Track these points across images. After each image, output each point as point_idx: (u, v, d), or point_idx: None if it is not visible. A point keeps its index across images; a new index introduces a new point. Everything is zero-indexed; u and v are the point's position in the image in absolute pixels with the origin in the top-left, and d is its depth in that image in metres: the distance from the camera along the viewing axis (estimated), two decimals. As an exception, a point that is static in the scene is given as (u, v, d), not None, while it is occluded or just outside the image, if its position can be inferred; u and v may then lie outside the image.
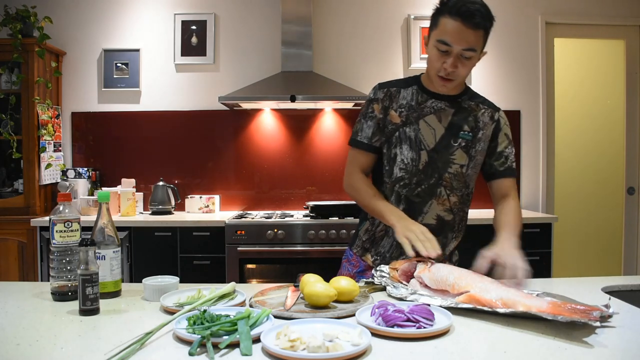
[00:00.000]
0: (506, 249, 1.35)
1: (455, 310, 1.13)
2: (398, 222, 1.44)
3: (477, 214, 3.44)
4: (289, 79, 3.44)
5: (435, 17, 1.45)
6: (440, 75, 1.47)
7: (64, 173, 3.59)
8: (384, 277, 1.39)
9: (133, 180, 3.55)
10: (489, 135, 1.58)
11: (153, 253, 3.17)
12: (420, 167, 1.53)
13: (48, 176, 3.47)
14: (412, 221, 1.45)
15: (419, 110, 1.55)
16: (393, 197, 1.57)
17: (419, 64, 3.72)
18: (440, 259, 1.42)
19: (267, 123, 3.73)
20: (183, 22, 3.72)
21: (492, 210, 1.67)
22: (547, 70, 3.81)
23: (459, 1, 1.39)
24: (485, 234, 3.36)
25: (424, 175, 1.53)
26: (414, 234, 1.38)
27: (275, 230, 3.09)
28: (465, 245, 3.26)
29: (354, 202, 1.66)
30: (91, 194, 3.55)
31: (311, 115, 3.73)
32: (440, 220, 1.56)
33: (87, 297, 1.15)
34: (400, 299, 1.24)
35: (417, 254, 1.37)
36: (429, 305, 1.11)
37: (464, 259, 1.82)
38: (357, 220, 3.09)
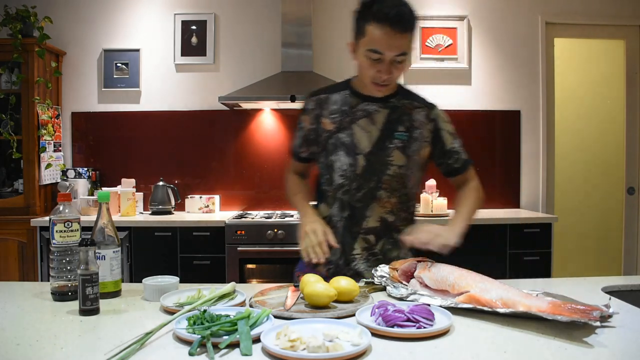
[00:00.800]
0: (447, 229, 1.45)
1: (455, 310, 1.13)
2: (303, 222, 1.50)
3: (477, 214, 3.44)
4: (289, 79, 3.44)
5: (360, 24, 1.42)
6: (376, 83, 1.45)
7: (64, 173, 3.59)
8: (384, 277, 1.39)
9: (133, 180, 3.55)
10: (427, 136, 1.56)
11: (153, 253, 3.17)
12: (359, 172, 1.51)
13: (48, 176, 3.47)
14: (313, 222, 1.48)
15: (352, 115, 1.53)
16: (336, 204, 1.55)
17: (419, 64, 3.72)
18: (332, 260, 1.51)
19: (267, 123, 3.73)
20: (183, 22, 3.72)
21: (492, 211, 1.68)
22: (547, 70, 3.81)
23: (383, 5, 1.36)
24: (486, 234, 3.35)
25: (363, 180, 1.52)
26: (309, 240, 1.42)
27: (275, 230, 3.09)
28: (466, 246, 3.24)
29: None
30: (91, 194, 3.55)
31: (311, 115, 3.72)
32: (383, 222, 1.54)
33: (87, 297, 1.15)
34: (400, 299, 1.24)
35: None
36: (429, 305, 1.11)
37: (464, 259, 1.81)
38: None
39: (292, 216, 3.34)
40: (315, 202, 1.66)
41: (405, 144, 1.52)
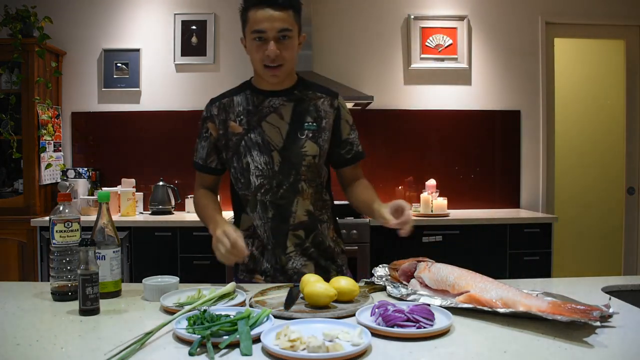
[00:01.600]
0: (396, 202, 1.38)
1: (455, 310, 1.13)
2: (212, 230, 1.40)
3: (478, 214, 3.44)
4: (289, 79, 3.43)
5: (244, 15, 1.46)
6: (267, 65, 1.44)
7: (64, 173, 3.58)
8: (384, 277, 1.39)
9: (133, 180, 3.55)
10: (332, 125, 1.56)
11: (153, 253, 3.17)
12: (276, 169, 1.50)
13: (48, 176, 3.47)
14: (220, 228, 1.36)
15: (259, 113, 1.52)
16: (259, 206, 1.52)
17: (419, 64, 3.72)
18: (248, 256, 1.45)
19: (267, 123, 3.73)
20: (183, 22, 3.72)
21: (492, 211, 1.67)
22: (547, 70, 3.81)
23: None
24: (486, 234, 3.35)
25: (282, 176, 1.50)
26: (222, 246, 1.32)
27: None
28: (466, 246, 3.26)
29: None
30: (91, 194, 3.55)
31: (311, 115, 3.72)
32: (310, 214, 1.53)
33: (87, 297, 1.15)
34: (400, 299, 1.24)
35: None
36: (429, 305, 1.11)
37: (464, 259, 1.81)
38: (358, 220, 3.10)
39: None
40: (233, 216, 1.64)
41: (315, 134, 1.52)
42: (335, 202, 1.68)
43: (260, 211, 1.53)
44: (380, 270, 1.43)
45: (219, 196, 1.72)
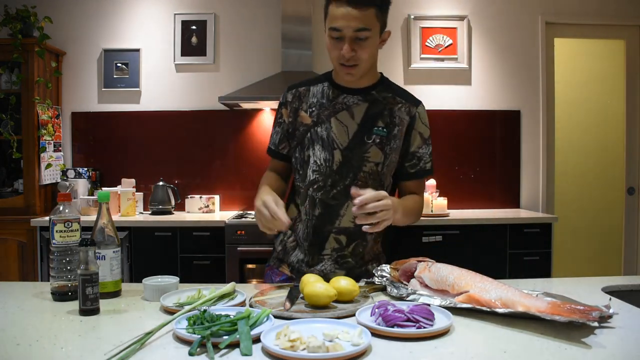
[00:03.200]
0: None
1: (455, 310, 1.13)
2: (256, 201, 1.35)
3: (478, 214, 3.44)
4: (288, 79, 3.44)
5: (326, 9, 1.42)
6: (342, 64, 1.40)
7: (64, 173, 3.59)
8: (384, 277, 1.39)
9: (133, 180, 3.55)
10: (404, 132, 1.50)
11: (153, 253, 3.17)
12: (335, 168, 1.46)
13: (48, 176, 3.47)
14: (264, 197, 1.32)
15: (331, 108, 1.48)
16: (307, 201, 1.49)
17: (419, 64, 3.72)
18: (292, 227, 1.50)
19: (267, 123, 3.73)
20: (183, 22, 3.72)
21: (492, 211, 1.66)
22: (547, 70, 3.81)
23: None
24: (486, 234, 3.35)
25: (338, 176, 1.46)
26: (262, 217, 1.30)
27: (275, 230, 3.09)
28: (466, 246, 3.26)
29: None
30: (91, 194, 3.55)
31: (311, 115, 3.72)
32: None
33: (87, 297, 1.15)
34: (400, 299, 1.24)
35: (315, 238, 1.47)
36: (429, 305, 1.11)
37: (464, 259, 1.81)
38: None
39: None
40: (286, 203, 1.58)
41: (383, 141, 1.46)
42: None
43: (308, 206, 1.50)
44: (380, 270, 1.43)
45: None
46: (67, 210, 1.31)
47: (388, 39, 1.46)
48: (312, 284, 1.18)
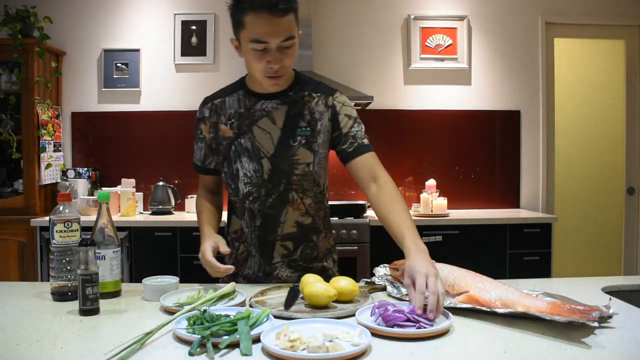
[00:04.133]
0: (421, 263, 1.12)
1: (455, 310, 1.13)
2: (200, 249, 1.43)
3: (478, 214, 3.44)
4: (289, 79, 3.43)
5: (237, 16, 1.32)
6: (269, 76, 1.34)
7: (64, 173, 3.59)
8: (384, 277, 1.39)
9: (133, 180, 3.55)
10: (327, 125, 1.44)
11: (153, 253, 3.17)
12: (266, 177, 1.42)
13: (48, 176, 3.47)
14: (202, 245, 1.43)
15: (250, 117, 1.42)
16: (246, 214, 1.47)
17: (419, 64, 3.72)
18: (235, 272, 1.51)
19: (267, 123, 3.73)
20: (183, 22, 3.72)
21: (492, 211, 1.65)
22: (547, 70, 3.81)
23: None
24: (486, 234, 3.34)
25: (271, 185, 1.43)
26: (207, 268, 1.39)
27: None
28: (466, 246, 3.26)
29: (354, 202, 1.63)
30: (91, 194, 3.55)
31: (311, 115, 3.72)
32: (300, 226, 1.46)
33: (87, 297, 1.15)
34: (400, 299, 1.24)
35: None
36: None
37: (464, 259, 1.82)
38: (358, 220, 3.10)
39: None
40: (226, 216, 1.60)
41: (309, 140, 1.42)
42: (336, 202, 1.66)
43: (247, 219, 1.48)
44: (381, 270, 1.43)
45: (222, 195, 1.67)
46: (67, 210, 1.31)
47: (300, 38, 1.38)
48: (312, 284, 1.18)
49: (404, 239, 1.22)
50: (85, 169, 3.61)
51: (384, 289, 1.35)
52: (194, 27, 3.73)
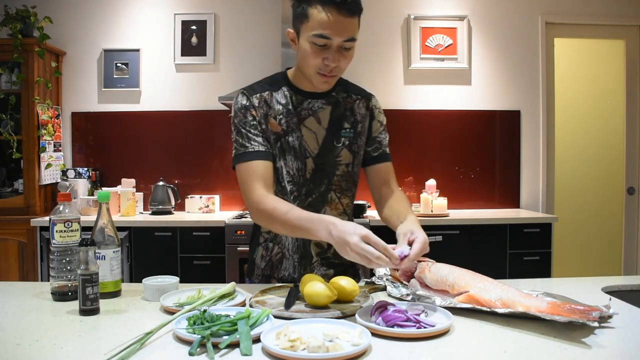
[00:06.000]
0: (414, 225, 1.23)
1: (455, 310, 1.13)
2: (330, 236, 1.16)
3: (478, 214, 3.44)
4: (289, 79, 3.43)
5: (303, 8, 1.30)
6: (321, 72, 1.33)
7: (64, 173, 3.59)
8: (384, 277, 1.39)
9: (133, 180, 3.55)
10: (366, 127, 1.49)
11: (153, 253, 3.17)
12: (308, 176, 1.42)
13: (48, 176, 3.47)
14: (347, 230, 1.12)
15: (297, 115, 1.41)
16: None
17: (419, 64, 3.72)
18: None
19: (267, 123, 3.73)
20: (183, 22, 3.72)
21: (492, 211, 1.65)
22: (547, 70, 3.81)
23: None
24: (486, 234, 3.34)
25: (312, 184, 1.43)
26: (366, 252, 1.08)
27: (275, 230, 3.09)
28: (466, 246, 3.25)
29: (355, 202, 1.61)
30: (91, 194, 3.55)
31: (311, 115, 3.72)
32: None
33: (87, 297, 1.15)
34: (400, 299, 1.24)
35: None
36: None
37: (464, 259, 1.82)
38: (358, 220, 3.10)
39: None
40: None
41: (351, 141, 1.45)
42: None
43: None
44: (381, 270, 1.43)
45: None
46: (67, 210, 1.31)
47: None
48: (312, 284, 1.18)
49: (405, 219, 1.29)
50: (85, 169, 3.62)
51: (384, 289, 1.35)
52: (194, 27, 3.73)
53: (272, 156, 1.40)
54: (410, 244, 1.17)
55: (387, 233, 1.32)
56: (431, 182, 3.50)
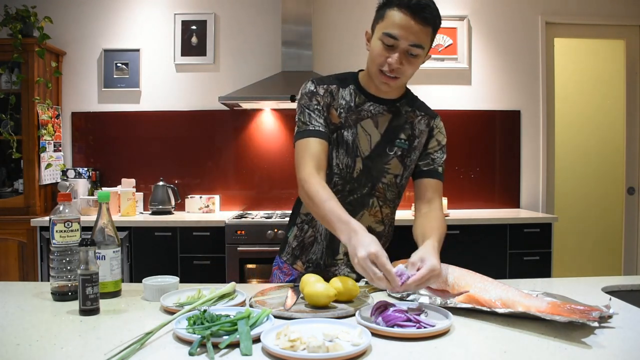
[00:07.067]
0: (429, 252, 1.20)
1: (455, 310, 1.13)
2: (348, 243, 1.18)
3: (478, 214, 3.44)
4: (289, 79, 3.44)
5: (382, 10, 1.35)
6: (384, 71, 1.35)
7: (64, 173, 3.59)
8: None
9: (133, 180, 3.55)
10: (423, 144, 1.50)
11: (153, 253, 3.17)
12: (355, 175, 1.44)
13: (48, 176, 3.47)
14: (362, 242, 1.14)
15: (357, 113, 1.43)
16: None
17: (419, 64, 3.71)
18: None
19: (267, 123, 3.73)
20: (183, 22, 3.72)
21: (492, 211, 1.65)
22: (547, 70, 3.81)
23: None
24: (486, 234, 3.34)
25: (357, 184, 1.44)
26: (369, 270, 1.10)
27: (276, 230, 3.09)
28: (466, 246, 3.25)
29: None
30: (91, 194, 3.55)
31: (311, 115, 3.72)
32: (371, 231, 1.36)
33: (87, 297, 1.15)
34: (400, 299, 1.24)
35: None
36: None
37: (464, 259, 1.81)
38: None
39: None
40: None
41: (404, 153, 1.46)
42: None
43: None
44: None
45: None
46: (67, 210, 1.31)
47: (426, 60, 1.41)
48: (312, 284, 1.18)
49: (425, 243, 1.26)
50: (86, 168, 3.62)
51: (384, 289, 1.35)
52: (194, 27, 3.73)
53: (330, 140, 1.42)
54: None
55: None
56: (431, 182, 3.49)
